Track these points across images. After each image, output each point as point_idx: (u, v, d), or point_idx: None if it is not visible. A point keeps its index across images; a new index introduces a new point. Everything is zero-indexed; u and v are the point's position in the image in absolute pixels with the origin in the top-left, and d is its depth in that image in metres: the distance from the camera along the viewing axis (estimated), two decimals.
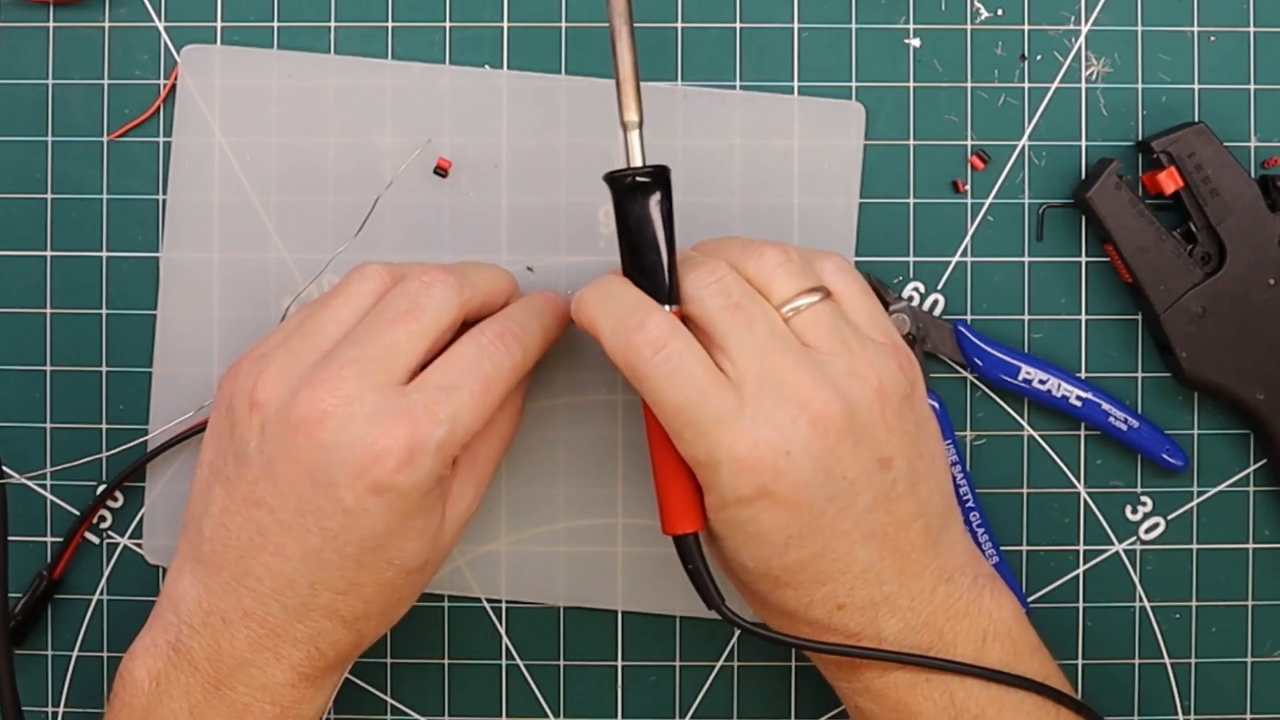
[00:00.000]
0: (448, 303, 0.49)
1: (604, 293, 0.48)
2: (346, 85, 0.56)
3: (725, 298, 0.47)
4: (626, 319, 0.47)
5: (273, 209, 0.56)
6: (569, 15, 0.57)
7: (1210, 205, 0.54)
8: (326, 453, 0.46)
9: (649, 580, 0.57)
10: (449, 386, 0.47)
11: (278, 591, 0.47)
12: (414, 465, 0.46)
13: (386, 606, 0.49)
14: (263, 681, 0.48)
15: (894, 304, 0.56)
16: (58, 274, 0.57)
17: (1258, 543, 0.57)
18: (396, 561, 0.48)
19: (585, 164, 0.56)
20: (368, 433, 0.46)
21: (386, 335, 0.48)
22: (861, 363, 0.47)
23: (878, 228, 0.57)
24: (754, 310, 0.47)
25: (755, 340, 0.46)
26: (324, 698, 0.50)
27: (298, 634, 0.48)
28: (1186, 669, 0.58)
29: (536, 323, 0.51)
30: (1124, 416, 0.56)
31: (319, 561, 0.47)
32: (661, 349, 0.46)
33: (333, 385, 0.46)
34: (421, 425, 0.46)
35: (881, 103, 0.57)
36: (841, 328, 0.48)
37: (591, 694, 0.58)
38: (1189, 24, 0.56)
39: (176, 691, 0.48)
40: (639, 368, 0.46)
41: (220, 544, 0.48)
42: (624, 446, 0.57)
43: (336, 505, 0.46)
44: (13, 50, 0.57)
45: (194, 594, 0.48)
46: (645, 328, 0.46)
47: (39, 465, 0.57)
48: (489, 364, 0.48)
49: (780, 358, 0.46)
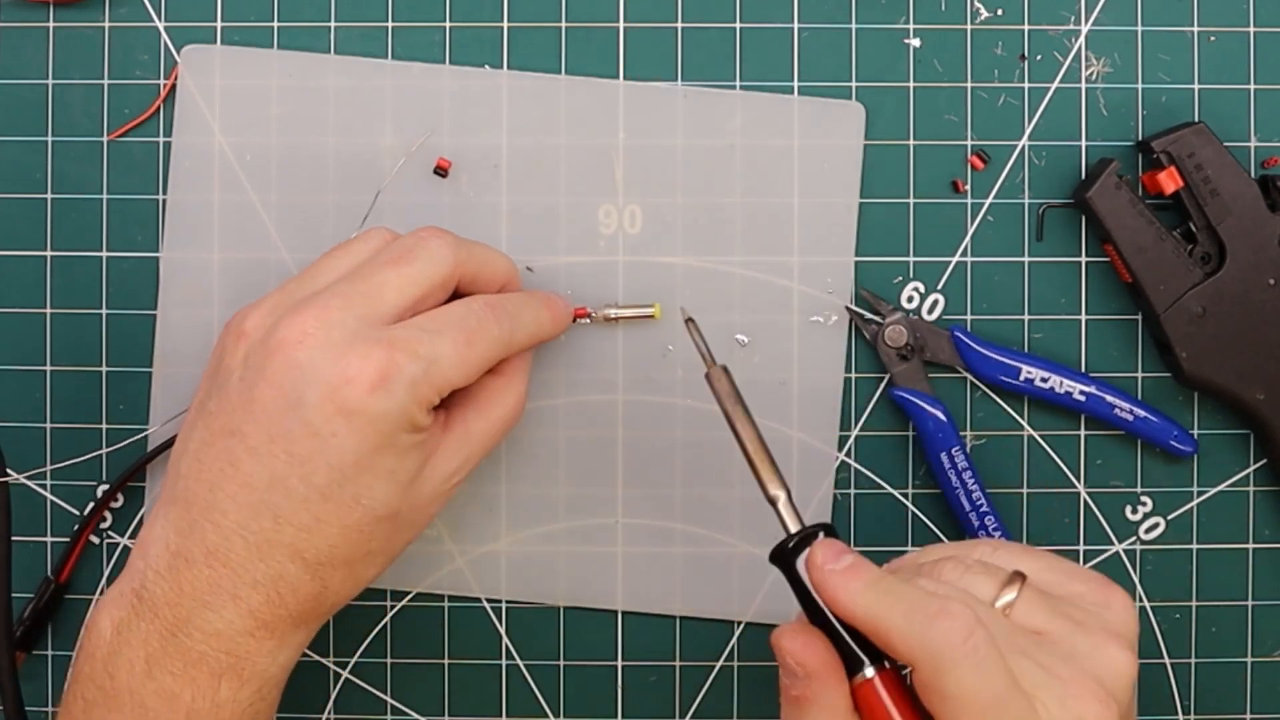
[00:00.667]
0: (442, 257, 0.50)
1: (881, 589, 0.44)
2: (346, 85, 0.56)
3: (966, 631, 0.42)
4: (925, 605, 0.42)
5: (273, 209, 0.56)
6: (569, 15, 0.57)
7: (1210, 205, 0.54)
8: (300, 372, 0.46)
9: (649, 580, 0.57)
10: (432, 330, 0.48)
11: (241, 525, 0.47)
12: (385, 392, 0.46)
13: (352, 556, 0.48)
14: (219, 627, 0.47)
15: (889, 314, 0.56)
16: (58, 274, 0.57)
17: (1258, 543, 0.57)
18: (364, 501, 0.47)
19: (585, 164, 0.56)
20: (343, 355, 0.46)
21: (378, 275, 0.49)
22: (1099, 630, 0.44)
23: (878, 228, 0.57)
24: (988, 619, 0.43)
25: (1003, 649, 0.43)
26: (285, 656, 0.48)
27: (258, 575, 0.47)
28: (1186, 669, 0.58)
29: (529, 312, 0.52)
30: (1129, 407, 0.56)
31: (285, 491, 0.46)
32: (975, 633, 0.42)
33: (316, 311, 0.47)
34: (398, 354, 0.47)
35: (881, 103, 0.57)
36: (1057, 605, 0.45)
37: (591, 694, 0.58)
38: (1189, 24, 0.56)
39: (136, 640, 0.47)
40: (942, 662, 0.42)
41: (193, 479, 0.48)
42: (624, 446, 0.57)
43: (306, 427, 0.46)
44: (13, 50, 0.57)
45: (163, 536, 0.48)
46: (949, 613, 0.42)
47: (39, 465, 0.57)
48: (475, 323, 0.49)
49: (1034, 657, 0.43)
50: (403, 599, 0.58)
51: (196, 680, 0.47)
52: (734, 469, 0.57)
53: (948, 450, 0.56)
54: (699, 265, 0.56)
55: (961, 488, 0.56)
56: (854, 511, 0.57)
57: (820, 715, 0.44)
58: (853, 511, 0.57)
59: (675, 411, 0.57)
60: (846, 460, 0.57)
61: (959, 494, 0.56)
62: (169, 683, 0.46)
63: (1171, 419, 0.56)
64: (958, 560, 0.46)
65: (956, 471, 0.56)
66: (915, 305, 0.57)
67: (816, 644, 0.45)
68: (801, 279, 0.57)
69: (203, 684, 0.47)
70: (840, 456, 0.57)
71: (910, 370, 0.57)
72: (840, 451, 0.57)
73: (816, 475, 0.57)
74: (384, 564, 0.50)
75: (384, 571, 0.50)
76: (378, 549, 0.49)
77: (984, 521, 0.56)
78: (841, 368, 0.57)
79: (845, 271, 0.57)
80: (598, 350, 0.56)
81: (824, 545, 0.45)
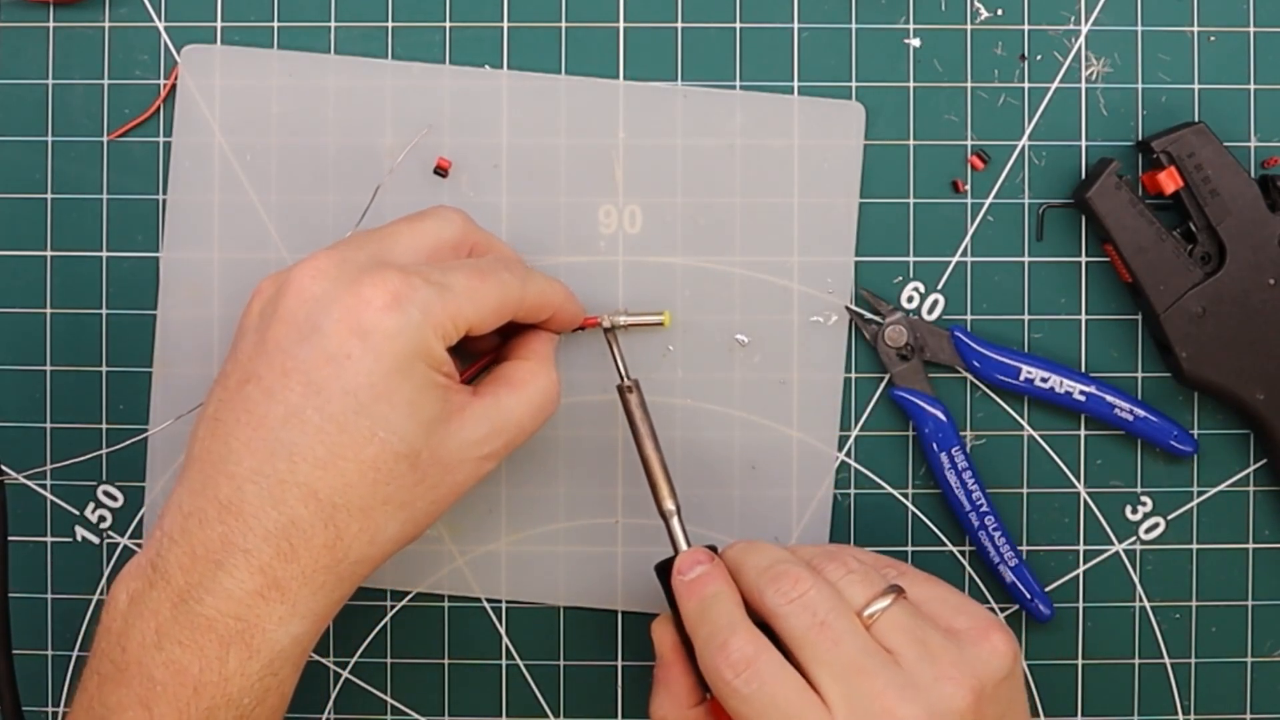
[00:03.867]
0: (453, 220, 0.51)
1: (703, 602, 0.49)
2: (346, 85, 0.56)
3: (810, 615, 0.47)
4: (714, 636, 0.47)
5: (273, 209, 0.57)
6: (569, 15, 0.57)
7: (1210, 205, 0.54)
8: (314, 303, 0.47)
9: (649, 580, 0.57)
10: (444, 267, 0.49)
11: (255, 470, 0.46)
12: (400, 310, 0.46)
13: (368, 500, 0.47)
14: (229, 587, 0.46)
15: (889, 314, 0.56)
16: (58, 274, 0.57)
17: (1258, 543, 0.57)
18: (381, 434, 0.46)
19: (585, 164, 0.56)
20: (357, 280, 0.47)
21: (389, 228, 0.50)
22: (948, 664, 0.46)
23: (878, 228, 0.57)
24: (840, 627, 0.46)
25: (843, 660, 0.46)
26: (296, 627, 0.47)
27: (270, 524, 0.46)
28: (1186, 669, 0.58)
29: (540, 278, 0.52)
30: (1129, 407, 0.56)
31: (300, 423, 0.46)
32: (743, 671, 0.46)
33: (329, 252, 0.48)
34: (412, 278, 0.47)
35: (881, 103, 0.57)
36: (921, 628, 0.47)
37: (591, 694, 0.58)
38: (1189, 24, 0.56)
39: (147, 611, 0.46)
40: (719, 689, 0.47)
41: (209, 437, 0.47)
42: (624, 446, 0.57)
43: (321, 354, 0.46)
44: (13, 50, 0.57)
45: (178, 500, 0.48)
46: (727, 648, 0.46)
47: (39, 465, 0.57)
48: (487, 265, 0.50)
49: (869, 679, 0.45)
50: (403, 599, 0.58)
51: (204, 650, 0.46)
52: (733, 469, 0.57)
53: (948, 450, 0.56)
54: (699, 265, 0.57)
55: (961, 488, 0.56)
56: (854, 511, 0.57)
57: (665, 696, 0.50)
58: (853, 511, 0.57)
59: (675, 411, 0.57)
60: (846, 460, 0.57)
61: (959, 494, 0.56)
62: (177, 654, 0.46)
63: (1171, 419, 0.56)
64: (842, 562, 0.49)
65: (956, 471, 0.56)
66: (915, 305, 0.57)
67: (671, 635, 0.50)
68: (801, 279, 0.57)
69: (210, 654, 0.46)
70: (840, 456, 0.57)
71: (910, 370, 0.57)
72: (840, 451, 0.57)
73: (816, 475, 0.57)
74: (404, 522, 0.48)
75: (405, 538, 0.48)
76: (396, 498, 0.47)
77: (984, 521, 0.56)
78: (841, 368, 0.57)
79: (845, 271, 0.57)
80: (598, 350, 0.56)
81: (686, 554, 0.51)
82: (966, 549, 0.57)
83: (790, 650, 0.47)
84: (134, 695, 0.46)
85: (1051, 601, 0.57)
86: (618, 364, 0.54)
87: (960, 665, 0.46)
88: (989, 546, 0.56)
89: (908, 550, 0.57)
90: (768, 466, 0.57)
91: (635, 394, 0.53)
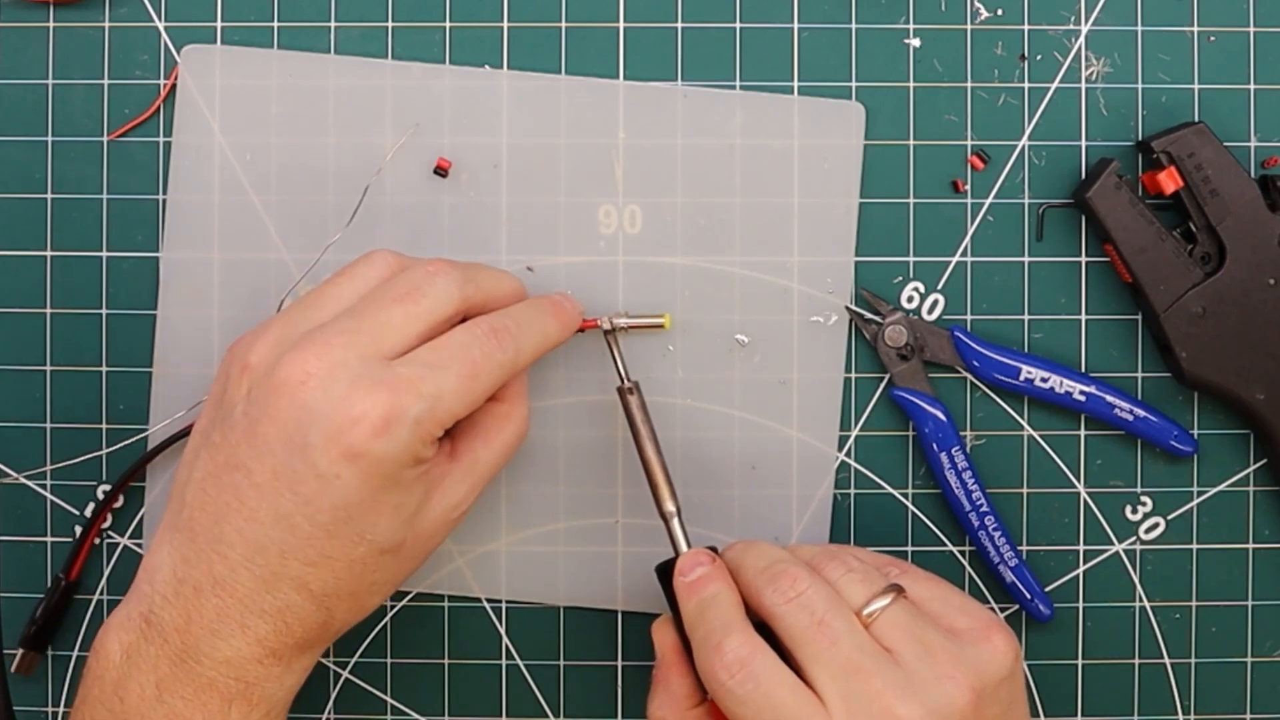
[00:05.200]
0: (449, 294, 0.49)
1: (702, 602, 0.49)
2: (346, 85, 0.56)
3: (809, 614, 0.47)
4: (710, 637, 0.47)
5: (273, 209, 0.56)
6: (569, 15, 0.57)
7: (1210, 205, 0.54)
8: (305, 414, 0.46)
9: (649, 580, 0.57)
10: (435, 365, 0.48)
11: (248, 558, 0.47)
12: (390, 434, 0.46)
13: (357, 587, 0.48)
14: (228, 655, 0.47)
15: (889, 314, 0.56)
16: (58, 274, 0.57)
17: (1258, 543, 0.57)
18: (369, 537, 0.47)
19: (585, 164, 0.56)
20: (347, 397, 0.46)
21: (383, 312, 0.48)
22: (947, 663, 0.46)
23: (878, 228, 0.57)
24: (838, 626, 0.46)
25: (841, 659, 0.46)
26: (292, 680, 0.49)
27: (265, 605, 0.47)
28: (1186, 669, 0.58)
29: (536, 326, 0.51)
30: (1129, 407, 0.56)
31: (290, 528, 0.47)
32: (738, 672, 0.46)
33: (320, 350, 0.47)
34: (402, 396, 0.46)
35: (881, 103, 0.57)
36: (921, 627, 0.47)
37: (591, 694, 0.58)
38: (1189, 24, 0.56)
39: (145, 665, 0.47)
40: (715, 691, 0.47)
41: (199, 509, 0.48)
42: (624, 446, 0.57)
43: (310, 469, 0.46)
44: (13, 50, 0.57)
45: (169, 563, 0.48)
46: (722, 649, 0.47)
47: (39, 465, 0.57)
48: (479, 353, 0.49)
49: (868, 678, 0.45)
50: (403, 599, 0.58)
51: (207, 705, 0.47)
52: (733, 469, 0.57)
53: (948, 450, 0.56)
54: (699, 265, 0.57)
55: (961, 488, 0.56)
56: (854, 511, 0.57)
57: (664, 697, 0.50)
58: (853, 511, 0.57)
59: (675, 411, 0.57)
60: (846, 460, 0.57)
61: (959, 494, 0.56)
62: (180, 707, 0.47)
63: (1171, 419, 0.56)
64: (842, 561, 0.49)
65: (956, 471, 0.56)
66: (915, 305, 0.57)
67: (671, 636, 0.51)
68: (801, 279, 0.57)
69: (213, 709, 0.47)
70: (840, 456, 0.57)
71: (910, 370, 0.57)
72: (840, 451, 0.57)
73: (816, 475, 0.57)
74: (388, 592, 0.50)
75: (387, 598, 0.51)
76: (382, 580, 0.49)
77: (984, 521, 0.56)
78: (841, 368, 0.57)
79: (845, 271, 0.57)
80: (598, 350, 0.56)
81: (687, 556, 0.51)
82: (966, 549, 0.57)
83: (789, 650, 0.47)
84: None
85: (1051, 601, 0.57)
86: (618, 366, 0.54)
87: (960, 665, 0.46)
88: (989, 546, 0.56)
89: (908, 550, 0.57)
90: (768, 466, 0.57)
91: (636, 396, 0.53)
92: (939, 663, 0.46)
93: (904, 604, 0.47)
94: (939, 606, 0.49)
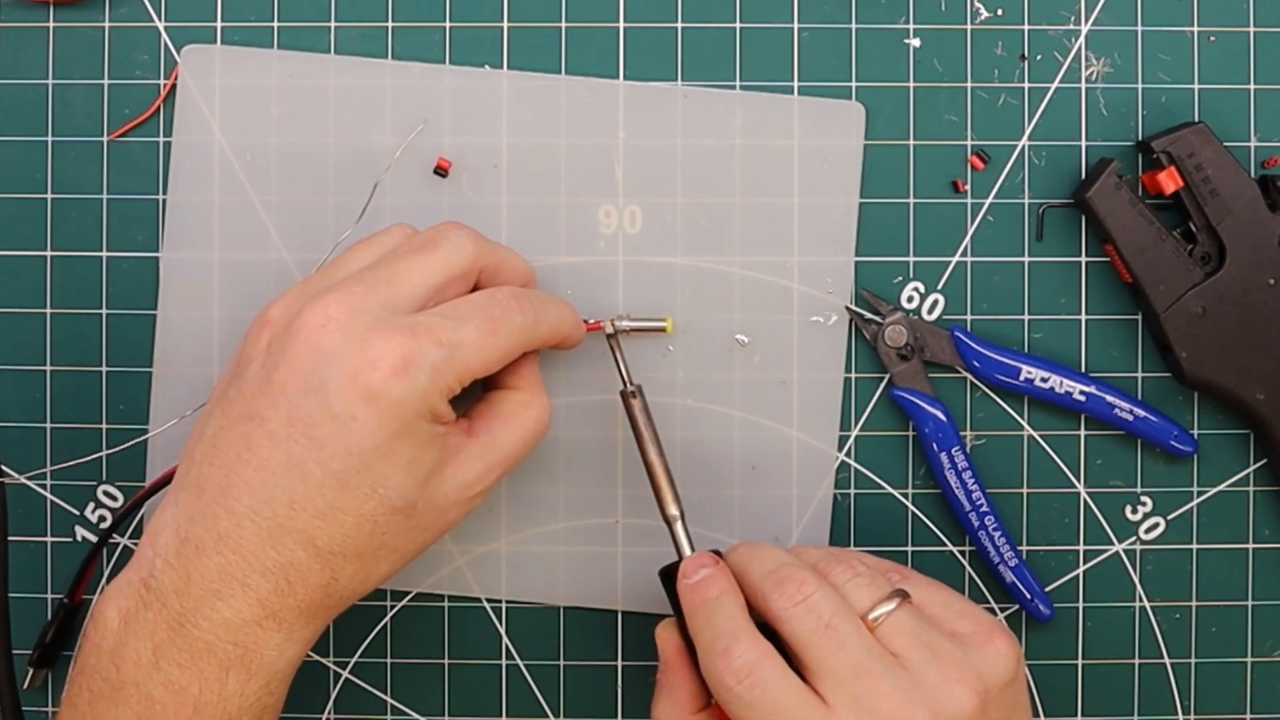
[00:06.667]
0: (463, 246, 0.50)
1: (707, 606, 0.49)
2: (346, 85, 0.56)
3: (815, 618, 0.47)
4: (716, 642, 0.47)
5: (273, 209, 0.57)
6: (569, 15, 0.57)
7: (1210, 205, 0.54)
8: (322, 356, 0.46)
9: (649, 580, 0.57)
10: (455, 317, 0.48)
11: (255, 510, 0.47)
12: (407, 376, 0.46)
13: (365, 547, 0.48)
14: (227, 615, 0.46)
15: (889, 314, 0.56)
16: (58, 274, 0.57)
17: (1258, 543, 0.57)
18: (380, 490, 0.47)
19: (585, 164, 0.56)
20: (365, 339, 0.46)
21: (401, 262, 0.49)
22: (953, 668, 0.46)
23: (878, 228, 0.57)
24: (846, 630, 0.46)
25: (848, 663, 0.46)
26: (293, 650, 0.48)
27: (269, 562, 0.47)
28: (1186, 669, 0.58)
29: (552, 308, 0.52)
30: (1129, 407, 0.56)
31: (301, 475, 0.46)
32: (745, 678, 0.46)
33: (339, 297, 0.47)
34: (421, 340, 0.47)
35: (881, 103, 0.57)
36: (927, 632, 0.47)
37: (591, 694, 0.58)
38: (1189, 24, 0.56)
39: (143, 631, 0.47)
40: (721, 696, 0.47)
41: (207, 464, 0.47)
42: (624, 446, 0.57)
43: (326, 411, 0.46)
44: (13, 50, 0.57)
45: (174, 523, 0.48)
46: (730, 654, 0.47)
47: (39, 465, 0.57)
48: (499, 311, 0.49)
49: (875, 681, 0.45)
50: (403, 599, 0.58)
51: (204, 672, 0.46)
52: (733, 469, 0.57)
53: (948, 450, 0.56)
54: (699, 265, 0.57)
55: (961, 488, 0.56)
56: (854, 512, 0.57)
57: (668, 700, 0.50)
58: (853, 512, 0.57)
59: (675, 411, 0.57)
60: (846, 460, 0.57)
61: (959, 494, 0.56)
62: (176, 674, 0.46)
63: (1171, 419, 0.56)
64: (848, 565, 0.49)
65: (956, 471, 0.56)
66: (915, 305, 0.57)
67: (675, 639, 0.50)
68: (801, 279, 0.57)
69: (210, 676, 0.46)
70: (840, 456, 0.57)
71: (910, 370, 0.57)
72: (840, 451, 0.57)
73: (816, 475, 0.57)
74: (395, 563, 0.49)
75: (395, 572, 0.50)
76: (390, 544, 0.49)
77: (984, 521, 0.56)
78: (841, 368, 0.57)
79: (845, 271, 0.57)
80: (598, 350, 0.56)
81: (690, 559, 0.51)
82: (966, 549, 0.57)
83: (795, 654, 0.47)
84: (131, 713, 0.46)
85: (1051, 601, 0.57)
86: (620, 370, 0.54)
87: (966, 669, 0.46)
88: (989, 546, 0.56)
89: (908, 550, 0.57)
90: (768, 466, 0.57)
91: (638, 399, 0.53)
92: (945, 667, 0.46)
93: (909, 609, 0.48)
94: (941, 611, 0.49)
